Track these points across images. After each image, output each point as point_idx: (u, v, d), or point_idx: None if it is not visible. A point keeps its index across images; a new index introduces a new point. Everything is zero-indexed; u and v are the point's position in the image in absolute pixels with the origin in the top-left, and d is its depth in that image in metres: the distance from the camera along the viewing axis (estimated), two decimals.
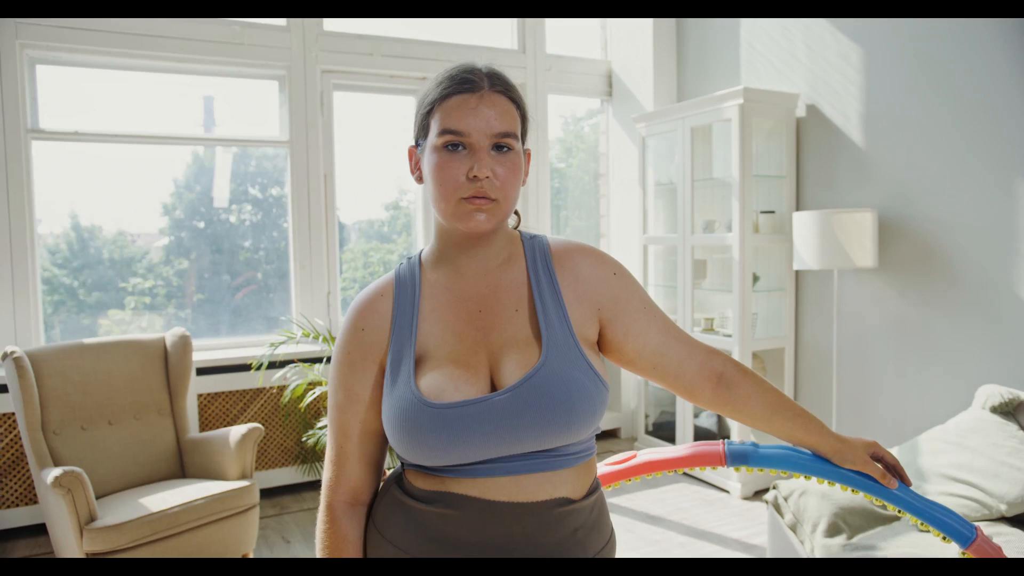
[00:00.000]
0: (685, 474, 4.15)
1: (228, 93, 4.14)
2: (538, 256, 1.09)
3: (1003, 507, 2.35)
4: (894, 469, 1.19)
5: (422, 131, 1.05)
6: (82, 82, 3.80)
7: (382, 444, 1.07)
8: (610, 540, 1.07)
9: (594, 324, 1.07)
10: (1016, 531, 2.31)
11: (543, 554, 0.96)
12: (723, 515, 3.57)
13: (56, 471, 2.51)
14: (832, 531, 2.40)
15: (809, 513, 2.47)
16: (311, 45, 4.04)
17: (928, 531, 2.34)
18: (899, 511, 1.19)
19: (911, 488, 1.20)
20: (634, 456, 1.30)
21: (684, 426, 4.16)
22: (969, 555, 1.19)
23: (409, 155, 1.09)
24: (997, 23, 2.91)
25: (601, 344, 1.10)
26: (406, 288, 1.07)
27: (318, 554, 1.06)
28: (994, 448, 2.46)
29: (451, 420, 0.94)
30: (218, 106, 4.12)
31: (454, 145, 1.00)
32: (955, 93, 3.10)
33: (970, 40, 3.02)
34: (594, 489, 1.05)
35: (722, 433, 4.18)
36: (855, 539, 2.35)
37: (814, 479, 1.22)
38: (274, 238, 4.25)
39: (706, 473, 3.98)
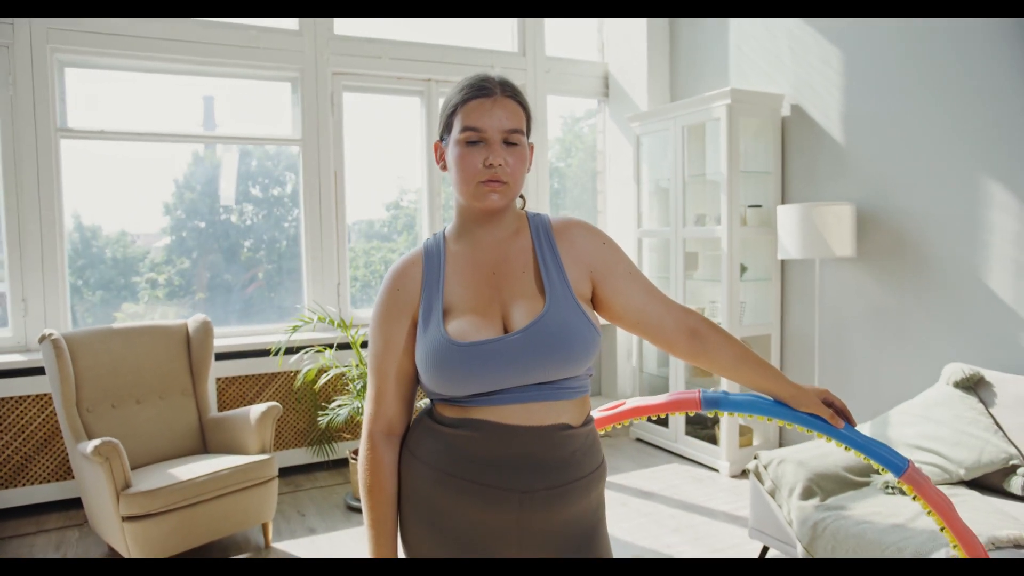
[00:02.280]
0: (677, 455, 4.37)
1: (244, 94, 4.35)
2: (541, 229, 1.31)
3: (962, 472, 2.58)
4: (842, 412, 1.41)
5: (446, 128, 1.27)
6: (106, 84, 4.01)
7: (413, 385, 1.29)
8: (601, 465, 1.29)
9: (587, 283, 1.29)
10: (973, 492, 2.54)
11: (548, 470, 1.18)
12: (712, 491, 3.79)
13: (95, 441, 2.73)
14: (806, 494, 2.62)
15: (786, 479, 2.69)
16: (323, 48, 4.26)
17: (893, 494, 2.57)
18: (846, 447, 1.41)
19: (856, 428, 1.42)
20: (623, 403, 1.52)
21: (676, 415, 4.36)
22: (903, 484, 1.41)
23: (435, 148, 1.32)
24: (965, 31, 3.14)
25: (595, 303, 1.32)
26: (433, 257, 1.29)
27: (360, 477, 1.28)
28: (956, 419, 2.69)
29: (474, 355, 1.16)
30: (233, 106, 4.34)
31: (473, 141, 1.22)
32: (928, 95, 3.32)
33: (942, 46, 3.24)
34: (588, 421, 1.28)
35: (715, 423, 4.41)
36: (827, 501, 2.58)
37: (775, 422, 1.44)
38: (275, 237, 4.46)
39: (697, 453, 4.21)
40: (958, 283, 3.23)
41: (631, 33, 4.92)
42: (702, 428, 4.40)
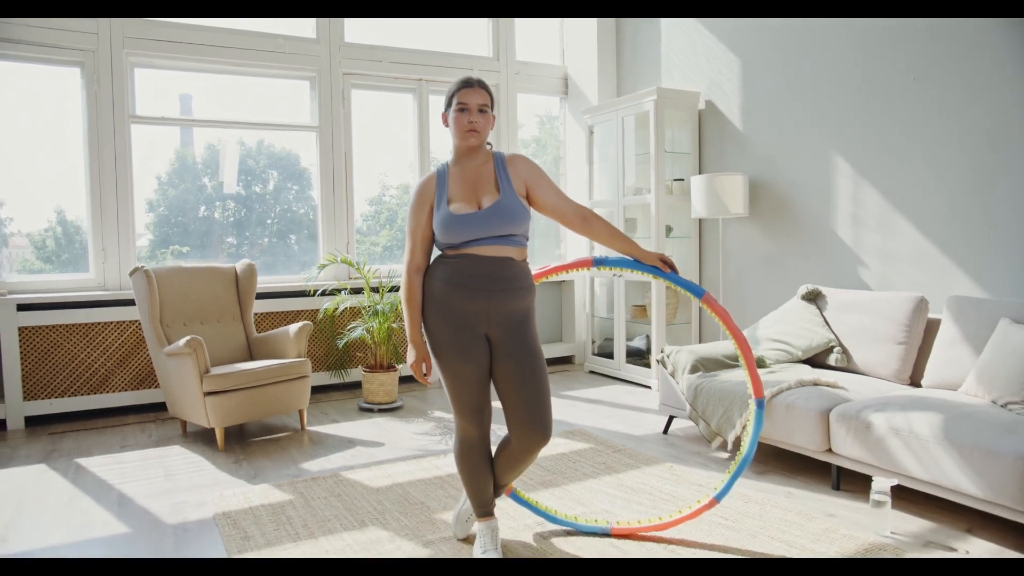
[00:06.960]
0: (621, 380, 5.47)
1: (270, 90, 5.39)
2: (499, 160, 2.38)
3: (799, 353, 3.71)
4: (671, 265, 2.49)
5: (448, 103, 2.34)
6: (164, 81, 5.03)
7: (431, 244, 2.36)
8: (532, 284, 2.35)
9: (523, 188, 2.36)
10: (806, 366, 3.67)
11: (501, 280, 2.24)
12: (642, 399, 4.90)
13: (186, 337, 3.77)
14: (693, 370, 3.73)
15: (681, 362, 3.80)
16: (335, 53, 5.31)
17: (741, 365, 3.66)
18: (669, 284, 2.49)
19: (677, 273, 2.49)
20: (547, 266, 2.61)
21: (619, 348, 5.47)
22: (703, 304, 2.49)
23: (442, 116, 2.39)
24: (824, 45, 4.27)
25: (529, 201, 2.40)
26: (442, 175, 2.36)
27: (402, 295, 2.34)
28: (799, 319, 3.82)
29: (464, 221, 2.23)
30: (263, 100, 5.37)
31: (462, 109, 2.29)
32: (799, 93, 4.46)
33: (807, 56, 4.38)
34: (524, 260, 2.35)
35: (649, 353, 5.53)
36: (707, 375, 3.69)
37: (636, 273, 2.50)
38: (258, 233, 5.43)
39: (636, 376, 5.31)
40: (816, 231, 4.37)
41: (585, 40, 6.02)
42: (640, 359, 5.51)
